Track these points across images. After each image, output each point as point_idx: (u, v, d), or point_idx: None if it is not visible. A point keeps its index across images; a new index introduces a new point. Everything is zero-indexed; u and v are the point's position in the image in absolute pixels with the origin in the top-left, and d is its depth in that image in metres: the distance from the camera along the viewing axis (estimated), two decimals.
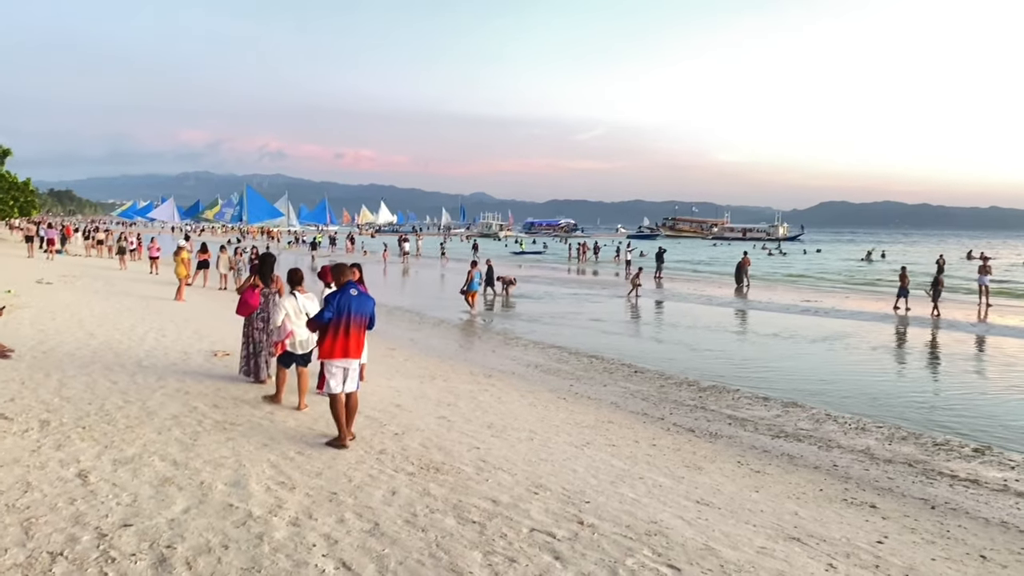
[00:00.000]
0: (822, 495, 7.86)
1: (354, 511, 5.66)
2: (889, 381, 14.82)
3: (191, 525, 5.17)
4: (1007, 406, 12.76)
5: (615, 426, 10.25)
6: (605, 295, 33.01)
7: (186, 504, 5.55)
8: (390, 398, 10.12)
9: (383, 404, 9.64)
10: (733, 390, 13.44)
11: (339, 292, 7.48)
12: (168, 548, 4.79)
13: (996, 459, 9.62)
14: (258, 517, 5.42)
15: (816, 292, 36.23)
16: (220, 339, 13.44)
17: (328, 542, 5.08)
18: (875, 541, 6.30)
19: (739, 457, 9.25)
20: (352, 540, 5.13)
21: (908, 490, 8.28)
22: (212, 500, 5.68)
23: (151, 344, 12.69)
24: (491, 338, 19.09)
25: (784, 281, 44.52)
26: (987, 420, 11.67)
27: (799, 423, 11.30)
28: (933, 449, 10.04)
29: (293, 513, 5.54)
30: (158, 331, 14.16)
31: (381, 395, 10.21)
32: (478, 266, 26.16)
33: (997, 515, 7.55)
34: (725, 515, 6.59)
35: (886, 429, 11.00)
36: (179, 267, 22.04)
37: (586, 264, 60.33)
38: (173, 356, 11.74)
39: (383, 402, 9.76)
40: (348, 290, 7.50)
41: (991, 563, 6.07)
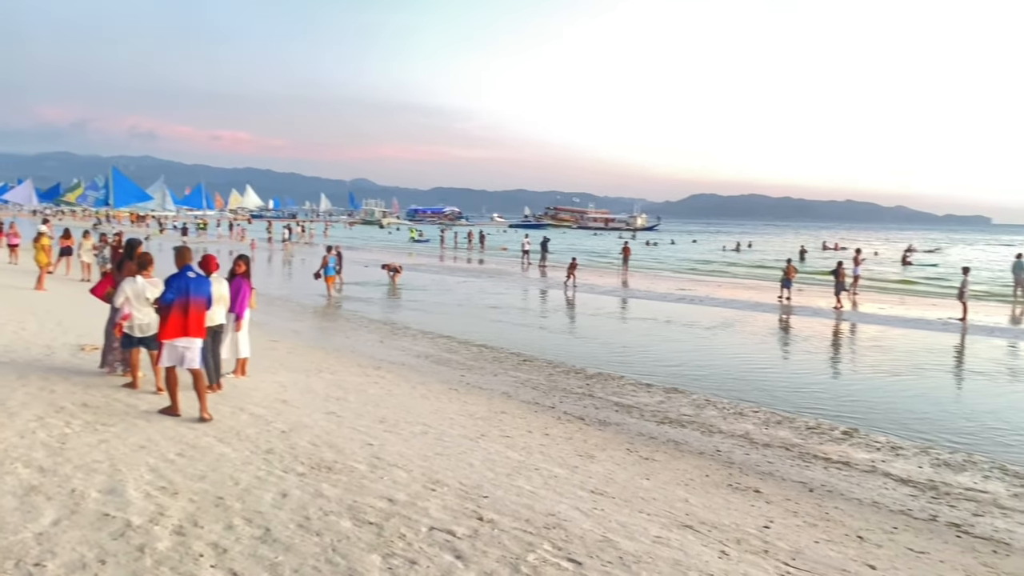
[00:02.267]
0: (709, 481, 8.11)
1: (243, 516, 5.39)
2: (763, 366, 15.48)
3: (63, 539, 4.78)
4: (871, 389, 13.58)
5: (508, 416, 10.25)
6: (493, 284, 33.12)
7: (56, 515, 5.13)
8: (275, 393, 9.75)
9: (268, 400, 9.27)
10: (618, 377, 13.72)
11: (178, 275, 7.98)
12: (37, 566, 4.40)
13: (863, 441, 10.20)
14: (138, 527, 5.07)
15: (690, 281, 37.60)
16: (87, 332, 12.57)
17: (216, 551, 4.80)
18: (762, 526, 6.54)
19: (628, 444, 9.42)
20: (242, 548, 4.88)
21: (787, 474, 8.66)
22: (85, 510, 5.27)
23: (9, 338, 11.74)
24: (379, 328, 18.76)
25: (661, 270, 45.96)
26: (853, 403, 12.39)
27: (682, 409, 11.64)
28: (807, 432, 10.55)
29: (177, 521, 5.22)
30: (17, 323, 13.13)
31: (266, 391, 9.82)
32: (333, 251, 26.76)
33: (869, 496, 8.00)
34: (620, 504, 6.68)
35: (762, 414, 11.48)
36: (39, 254, 20.57)
37: (473, 253, 60.36)
38: (35, 351, 10.90)
39: (268, 398, 9.39)
40: (186, 272, 8.04)
41: (868, 543, 6.42)
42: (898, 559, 6.06)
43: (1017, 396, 13.33)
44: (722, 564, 5.40)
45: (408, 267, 40.17)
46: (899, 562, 5.99)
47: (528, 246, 47.60)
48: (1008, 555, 6.52)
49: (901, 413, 11.81)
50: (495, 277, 36.56)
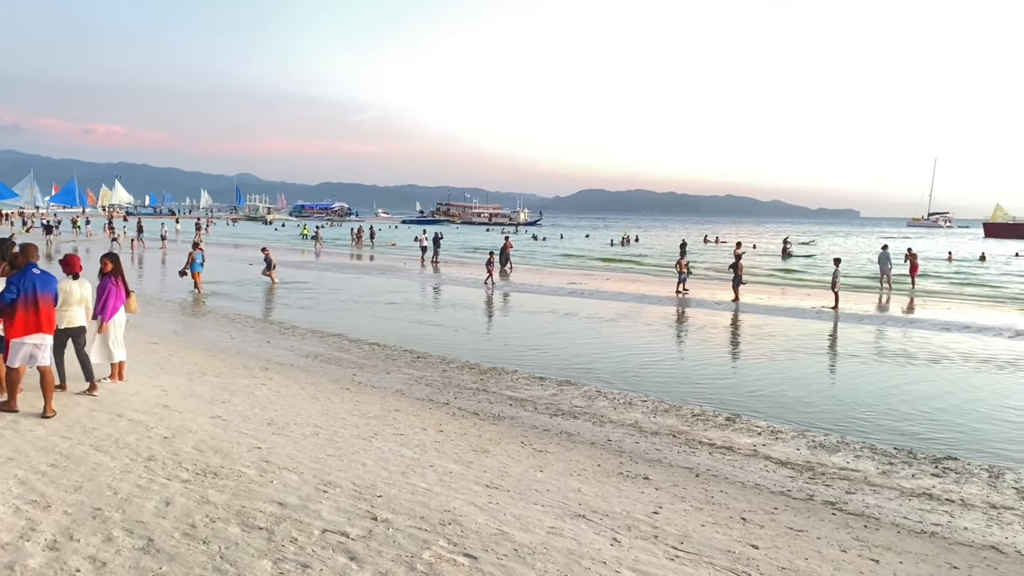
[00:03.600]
0: (600, 470, 8.27)
1: (123, 527, 5.14)
2: (653, 357, 15.91)
3: None
4: (752, 377, 14.18)
5: (402, 414, 10.16)
6: (384, 281, 32.76)
7: None
8: (156, 398, 9.33)
9: (148, 405, 8.86)
10: (511, 371, 13.83)
11: (22, 273, 7.93)
12: None
13: (745, 426, 10.64)
14: (7, 544, 4.75)
15: (581, 275, 38.27)
16: None
17: (95, 565, 4.56)
18: (652, 512, 6.73)
19: (522, 437, 9.51)
20: (123, 560, 4.65)
21: (675, 460, 8.95)
22: None
23: None
24: (265, 328, 18.23)
25: (550, 264, 46.61)
26: (736, 390, 12.91)
27: (574, 400, 11.84)
28: (692, 420, 10.92)
29: (50, 535, 4.92)
30: None
31: (145, 395, 9.38)
32: (200, 247, 26.55)
33: (751, 479, 8.36)
34: (515, 497, 6.73)
35: (651, 403, 11.81)
36: None
37: (363, 249, 59.50)
38: None
39: (148, 403, 8.98)
40: (30, 270, 7.98)
41: (751, 524, 6.70)
42: (779, 538, 6.35)
43: (885, 379, 14.20)
44: (614, 551, 5.53)
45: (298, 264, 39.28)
46: (780, 540, 6.28)
47: (425, 242, 47.33)
48: (878, 529, 6.93)
49: (780, 399, 12.40)
50: (387, 274, 36.18)
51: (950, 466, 9.06)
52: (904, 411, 11.69)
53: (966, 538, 6.85)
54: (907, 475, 8.71)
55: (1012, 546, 6.70)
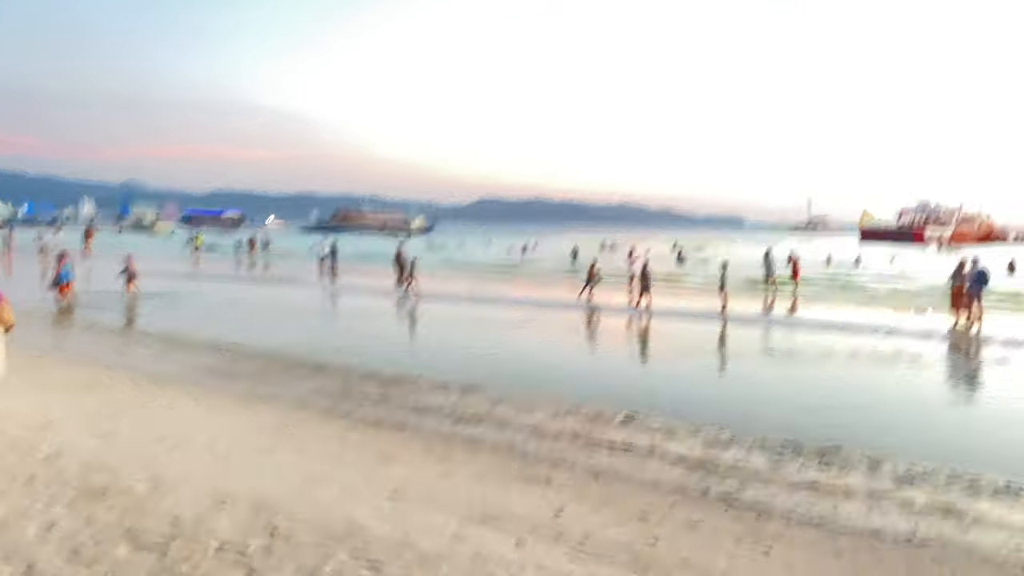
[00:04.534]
0: (504, 474, 8.32)
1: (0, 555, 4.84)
2: (555, 361, 16.11)
3: None
4: (649, 376, 14.58)
5: (302, 426, 9.95)
6: (282, 291, 31.99)
7: None
8: (38, 415, 8.84)
9: (29, 423, 8.39)
10: (414, 380, 13.74)
11: None
12: None
13: (642, 425, 10.90)
14: None
15: (483, 282, 38.39)
16: None
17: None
18: (554, 513, 6.83)
19: (425, 445, 9.46)
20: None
21: (576, 461, 9.09)
22: None
23: None
24: (156, 342, 17.49)
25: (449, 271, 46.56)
26: (634, 390, 13.23)
27: (476, 407, 11.86)
28: (591, 421, 11.11)
29: None
30: None
31: (26, 412, 8.88)
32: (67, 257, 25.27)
33: (649, 477, 8.59)
34: (418, 505, 6.70)
35: (551, 406, 11.95)
36: None
37: (258, 259, 57.89)
38: None
39: (29, 420, 8.50)
40: None
41: (650, 520, 6.88)
42: (677, 533, 6.55)
43: (772, 377, 14.85)
44: (518, 553, 5.58)
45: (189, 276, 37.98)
46: (678, 536, 6.47)
47: (324, 251, 46.53)
48: (769, 520, 7.24)
49: (675, 397, 12.79)
50: (284, 284, 35.34)
51: (834, 457, 9.53)
52: (790, 406, 12.25)
53: (849, 525, 7.23)
54: (795, 468, 9.13)
55: (891, 531, 7.12)
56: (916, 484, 8.61)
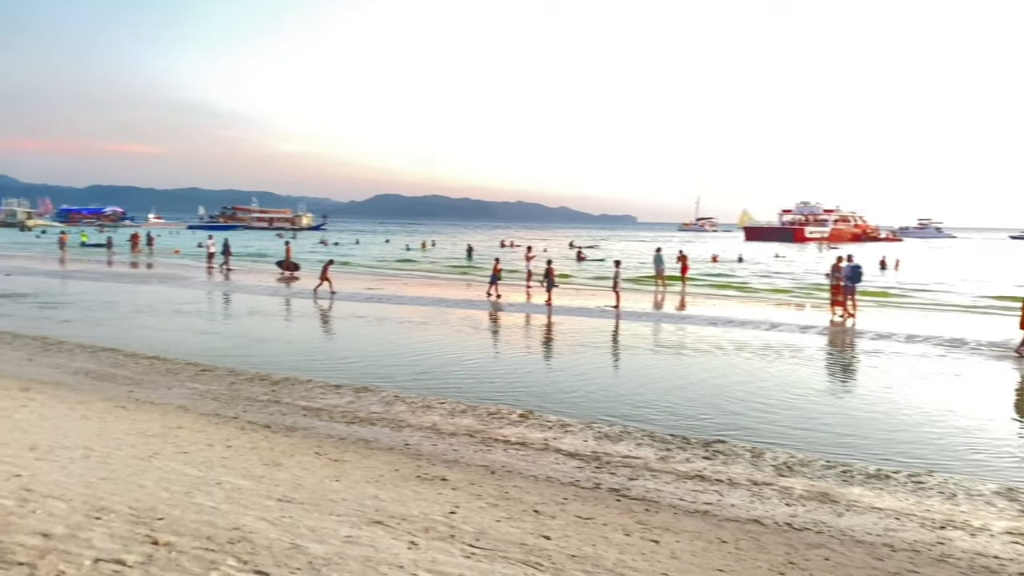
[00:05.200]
0: (398, 475, 8.24)
1: None
2: (451, 359, 16.07)
3: None
4: (544, 373, 14.72)
5: (185, 431, 9.56)
6: (166, 290, 30.68)
7: None
8: None
9: None
10: (306, 380, 13.45)
11: None
12: None
13: (538, 422, 11.03)
14: None
15: (378, 280, 37.94)
16: None
17: None
18: (448, 512, 6.80)
19: (317, 448, 9.27)
20: None
21: (471, 459, 9.11)
22: None
23: None
24: (26, 344, 16.46)
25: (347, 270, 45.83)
26: (529, 387, 13.34)
27: (371, 407, 11.72)
28: (488, 418, 11.17)
29: None
30: None
31: None
32: None
33: (543, 472, 8.69)
34: (309, 509, 6.55)
35: (448, 405, 11.94)
36: None
37: (141, 256, 55.37)
38: None
39: None
40: None
41: (543, 516, 6.95)
42: (569, 527, 6.64)
43: (661, 371, 15.26)
44: (411, 554, 5.53)
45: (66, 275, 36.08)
46: (570, 529, 6.56)
47: (213, 248, 44.93)
48: (657, 511, 7.44)
49: (569, 393, 12.97)
50: (168, 282, 33.90)
51: (719, 449, 9.90)
52: (679, 399, 12.63)
53: (733, 514, 7.51)
54: (682, 459, 9.43)
55: (771, 518, 7.44)
56: (795, 473, 9.04)
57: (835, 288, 24.70)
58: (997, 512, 7.86)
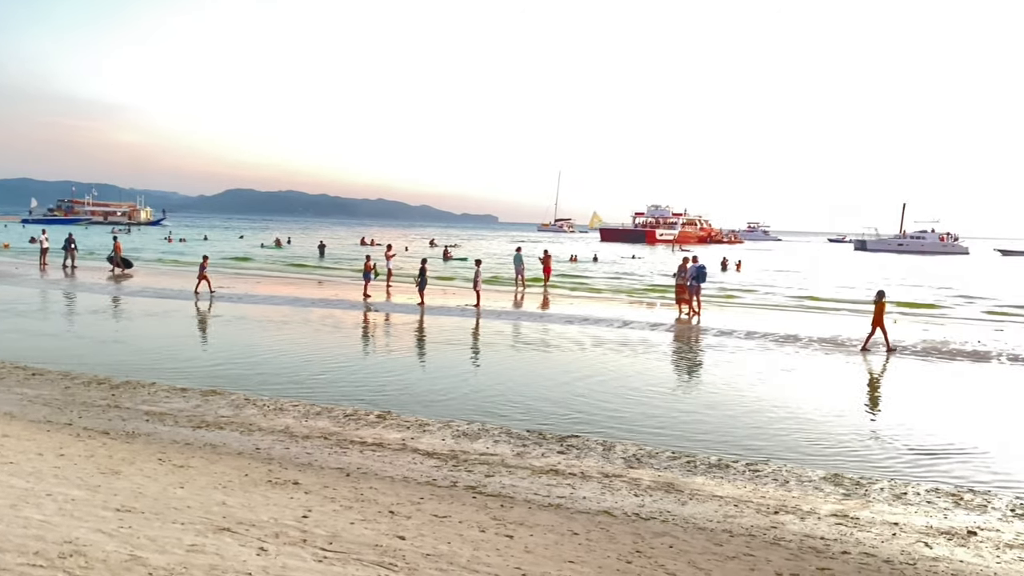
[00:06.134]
0: (248, 480, 7.97)
1: None
2: (309, 359, 15.68)
3: None
4: (404, 372, 14.63)
5: (12, 440, 8.84)
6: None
7: None
8: None
9: None
10: (149, 384, 12.79)
11: None
12: None
13: (396, 422, 10.96)
14: None
15: (228, 278, 36.45)
16: None
17: None
18: (300, 516, 6.64)
19: (160, 454, 8.82)
20: None
21: (326, 462, 8.93)
22: None
23: None
24: None
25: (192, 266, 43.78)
26: (387, 387, 13.24)
27: (220, 411, 11.29)
28: (344, 420, 10.99)
29: None
30: None
31: None
32: None
33: (400, 472, 8.64)
34: (150, 519, 6.23)
35: (302, 407, 11.66)
36: None
37: None
38: None
39: None
40: None
41: (398, 516, 6.91)
42: (424, 526, 6.64)
43: (520, 368, 15.51)
44: (260, 561, 5.37)
45: None
46: (425, 529, 6.56)
47: (47, 243, 41.60)
48: (512, 507, 7.56)
49: (427, 392, 12.97)
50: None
51: (573, 443, 10.18)
52: (536, 396, 12.89)
53: (584, 506, 7.75)
54: (538, 454, 9.63)
55: (620, 509, 7.72)
56: (643, 464, 9.43)
57: (680, 287, 25.91)
58: (824, 496, 8.49)
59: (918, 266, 71.60)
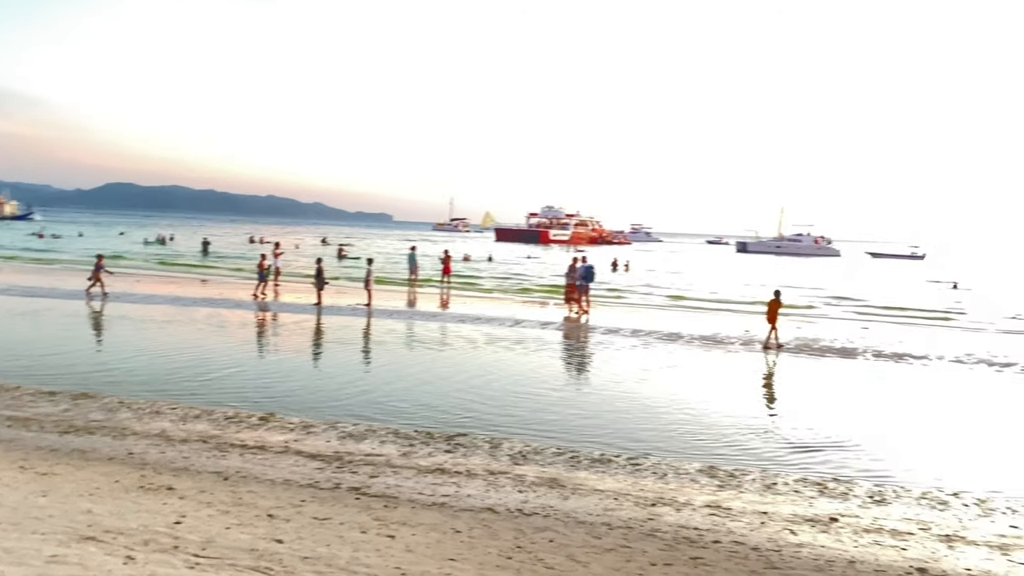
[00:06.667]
0: (118, 486, 7.63)
1: None
2: (186, 361, 15.11)
3: None
4: (290, 373, 14.31)
5: None
6: None
7: None
8: None
9: None
10: (13, 388, 12.06)
11: None
12: None
13: (279, 424, 10.71)
14: None
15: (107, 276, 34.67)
16: None
17: None
18: (173, 522, 6.42)
19: (22, 461, 8.34)
20: None
21: (203, 466, 8.65)
22: None
23: None
24: None
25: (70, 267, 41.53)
26: (270, 388, 12.93)
27: (91, 415, 10.76)
28: (225, 423, 10.66)
29: None
30: None
31: None
32: None
33: (281, 475, 8.45)
34: (8, 529, 5.89)
35: (181, 409, 11.25)
36: None
37: None
38: None
39: None
40: None
41: (277, 519, 6.77)
42: (304, 529, 6.53)
43: (411, 367, 15.43)
44: (127, 569, 5.17)
45: None
46: (304, 532, 6.46)
47: None
48: (396, 507, 7.53)
49: (315, 393, 12.74)
50: None
51: (460, 442, 10.21)
52: (426, 395, 12.86)
53: (469, 504, 7.80)
54: (425, 454, 9.62)
55: (504, 505, 7.81)
56: (529, 461, 9.56)
57: (570, 287, 26.37)
58: (699, 488, 8.84)
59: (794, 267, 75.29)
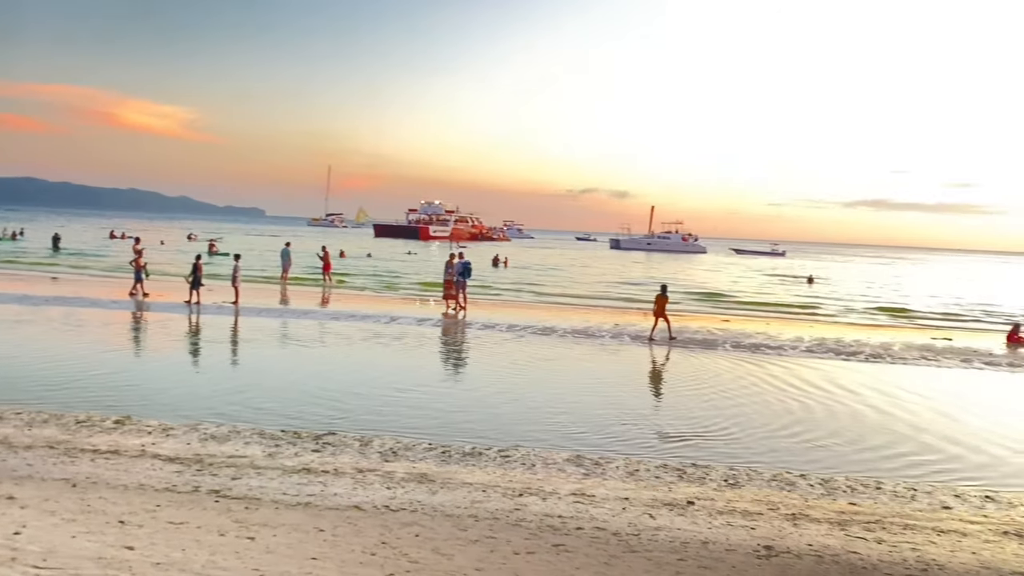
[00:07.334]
0: None
1: None
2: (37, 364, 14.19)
3: None
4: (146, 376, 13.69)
5: None
6: None
7: None
8: None
9: None
10: None
11: None
12: None
13: (136, 427, 10.21)
14: None
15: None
16: None
17: None
18: (12, 533, 6.01)
19: None
20: None
21: (49, 473, 8.14)
22: None
23: None
24: None
25: None
26: (130, 391, 12.33)
27: None
28: (76, 427, 10.08)
29: None
30: None
31: None
32: None
33: (136, 480, 8.06)
34: None
35: (26, 414, 10.56)
36: None
37: None
38: None
39: None
40: None
41: (129, 526, 6.45)
42: (157, 535, 6.26)
43: (280, 366, 15.06)
44: None
45: None
46: (158, 537, 6.19)
47: None
48: (258, 508, 7.33)
49: (174, 394, 12.24)
50: None
51: (329, 440, 10.05)
52: (294, 393, 12.59)
53: (335, 503, 7.68)
54: (291, 454, 9.41)
55: (371, 502, 7.74)
56: (399, 457, 9.52)
57: (448, 283, 26.41)
58: (566, 477, 9.05)
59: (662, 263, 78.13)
